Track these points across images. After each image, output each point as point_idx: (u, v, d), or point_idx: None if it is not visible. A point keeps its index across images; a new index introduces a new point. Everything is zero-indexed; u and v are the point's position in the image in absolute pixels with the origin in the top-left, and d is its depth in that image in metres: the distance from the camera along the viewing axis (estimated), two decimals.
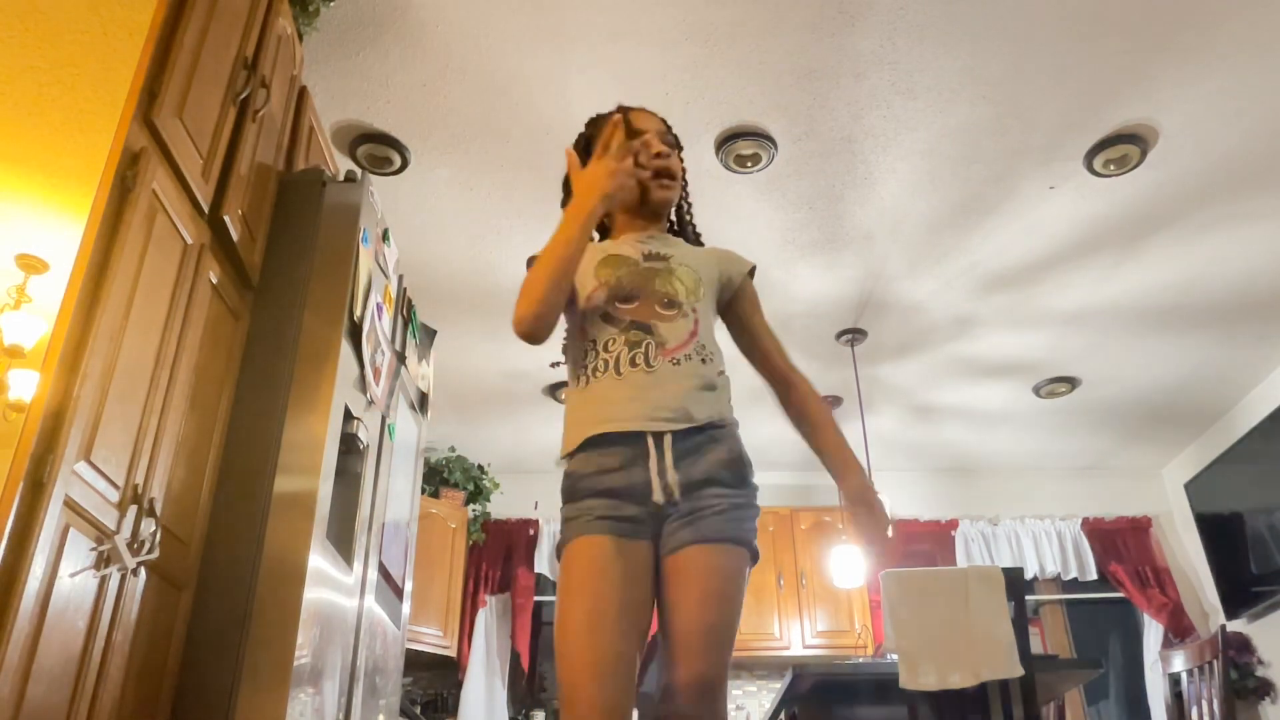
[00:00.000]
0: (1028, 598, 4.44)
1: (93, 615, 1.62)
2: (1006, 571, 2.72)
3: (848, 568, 4.86)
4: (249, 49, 2.24)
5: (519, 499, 5.76)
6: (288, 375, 2.17)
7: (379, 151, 3.44)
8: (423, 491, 4.24)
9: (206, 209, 2.03)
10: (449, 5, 2.89)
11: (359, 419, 2.34)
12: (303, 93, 2.71)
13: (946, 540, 5.79)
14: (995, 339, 4.68)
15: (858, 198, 3.72)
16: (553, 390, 5.13)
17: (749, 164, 3.52)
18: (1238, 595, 5.20)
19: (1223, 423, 5.42)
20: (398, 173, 3.54)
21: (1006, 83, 3.18)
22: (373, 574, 2.50)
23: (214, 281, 2.06)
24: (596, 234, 1.81)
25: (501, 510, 5.77)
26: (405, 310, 2.84)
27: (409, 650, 3.64)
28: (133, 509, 1.73)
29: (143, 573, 1.76)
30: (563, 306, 1.57)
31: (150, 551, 1.75)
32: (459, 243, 3.93)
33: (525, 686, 5.54)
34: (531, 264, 1.62)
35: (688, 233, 1.82)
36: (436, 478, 5.47)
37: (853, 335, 4.62)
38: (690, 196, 1.86)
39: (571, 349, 1.65)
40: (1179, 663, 3.60)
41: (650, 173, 1.68)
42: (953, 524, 5.86)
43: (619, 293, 1.60)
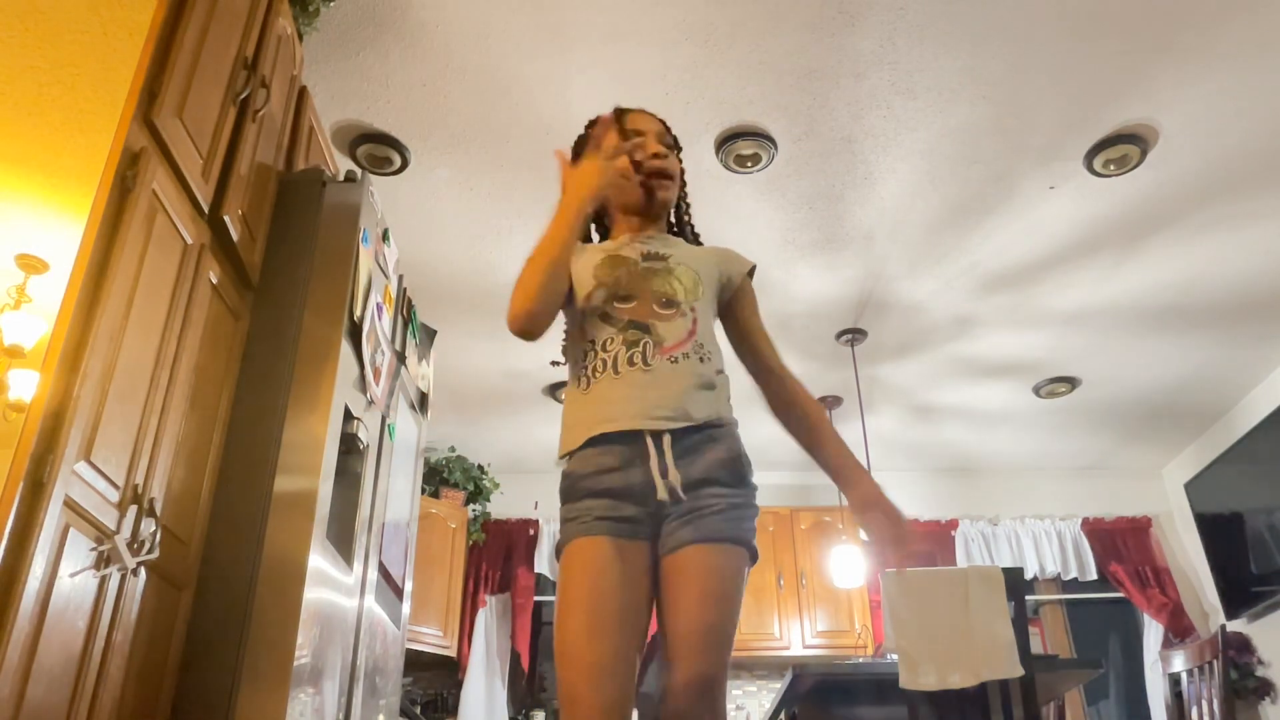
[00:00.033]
0: (1028, 598, 4.44)
1: (93, 615, 1.62)
2: (1006, 571, 2.72)
3: (848, 568, 4.87)
4: (249, 49, 2.24)
5: (519, 499, 5.76)
6: (288, 375, 2.17)
7: (379, 151, 3.45)
8: (423, 491, 4.24)
9: (206, 209, 2.03)
10: (449, 5, 2.90)
11: (359, 419, 2.34)
12: (303, 93, 2.71)
13: (946, 540, 5.79)
14: (995, 339, 4.68)
15: (858, 198, 3.72)
16: (553, 390, 5.13)
17: (749, 164, 3.52)
18: (1238, 595, 5.20)
19: (1223, 423, 5.42)
20: (398, 173, 3.54)
21: (1006, 83, 3.18)
22: (373, 574, 2.50)
23: (214, 281, 2.06)
24: (597, 235, 1.82)
25: (501, 510, 5.77)
26: (405, 310, 2.84)
27: (409, 650, 3.64)
28: (133, 509, 1.73)
29: (143, 573, 1.76)
30: (557, 304, 1.56)
31: (150, 551, 1.75)
32: (459, 243, 3.93)
33: (525, 686, 5.54)
34: None
35: (687, 233, 1.82)
36: (436, 478, 5.47)
37: (853, 335, 4.62)
38: (689, 197, 1.86)
39: (571, 349, 1.65)
40: (1179, 663, 3.60)
41: (647, 172, 1.68)
42: (953, 524, 5.86)
43: (617, 292, 1.60)
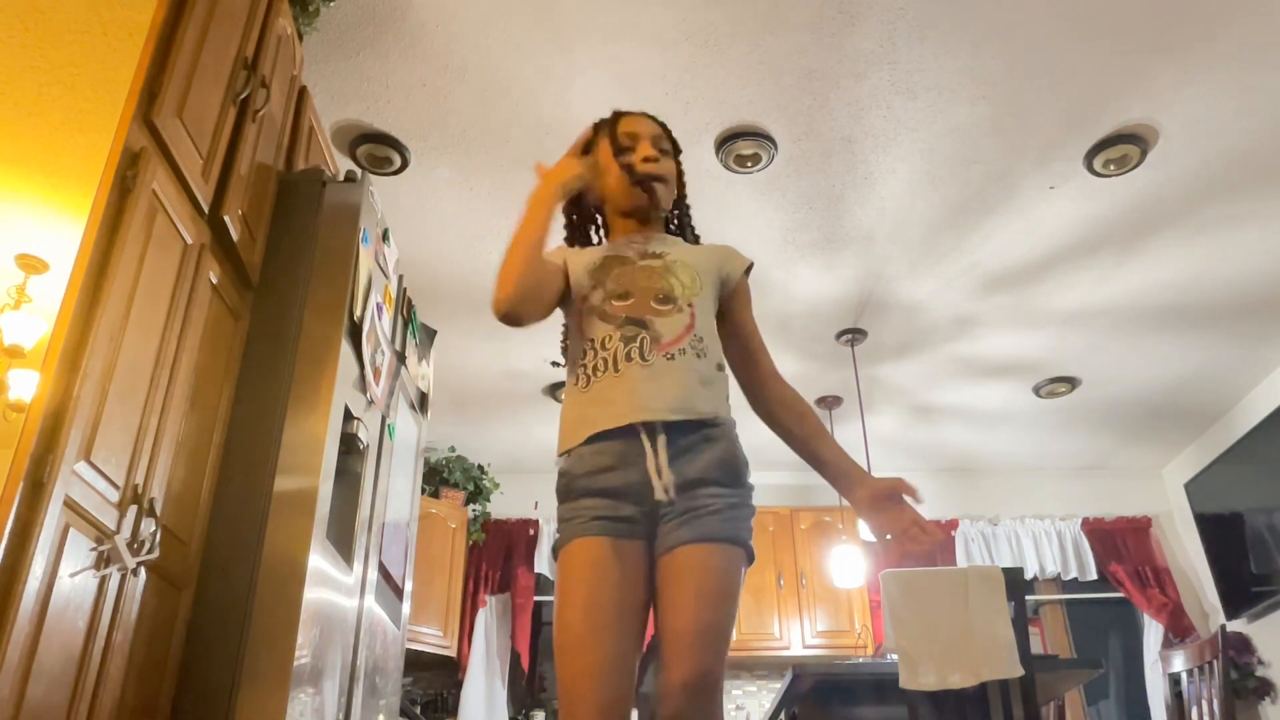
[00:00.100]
0: (1028, 598, 4.44)
1: (93, 615, 1.62)
2: (1006, 571, 2.72)
3: (848, 568, 4.87)
4: (249, 49, 2.24)
5: (519, 499, 5.76)
6: (288, 375, 2.17)
7: (379, 151, 3.45)
8: (423, 491, 4.24)
9: (206, 209, 2.03)
10: (449, 5, 2.90)
11: (359, 419, 2.34)
12: (303, 93, 2.71)
13: (946, 540, 5.79)
14: (995, 339, 4.68)
15: (858, 198, 3.72)
16: (553, 390, 5.13)
17: (749, 164, 3.52)
18: (1238, 595, 5.20)
19: (1223, 423, 5.42)
20: (398, 173, 3.54)
21: (1006, 83, 3.18)
22: (373, 574, 2.50)
23: (214, 281, 2.06)
24: (596, 239, 1.82)
25: (501, 510, 5.77)
26: (405, 310, 2.84)
27: (409, 650, 3.64)
28: (133, 509, 1.73)
29: (143, 573, 1.76)
30: (538, 287, 1.58)
31: (150, 551, 1.75)
32: (459, 243, 3.93)
33: (525, 686, 5.54)
34: None
35: (686, 233, 1.82)
36: (436, 478, 5.47)
37: (853, 335, 4.62)
38: (689, 197, 1.86)
39: (570, 348, 1.66)
40: (1179, 663, 3.59)
41: (639, 176, 1.69)
42: (953, 524, 5.86)
43: (615, 290, 1.61)
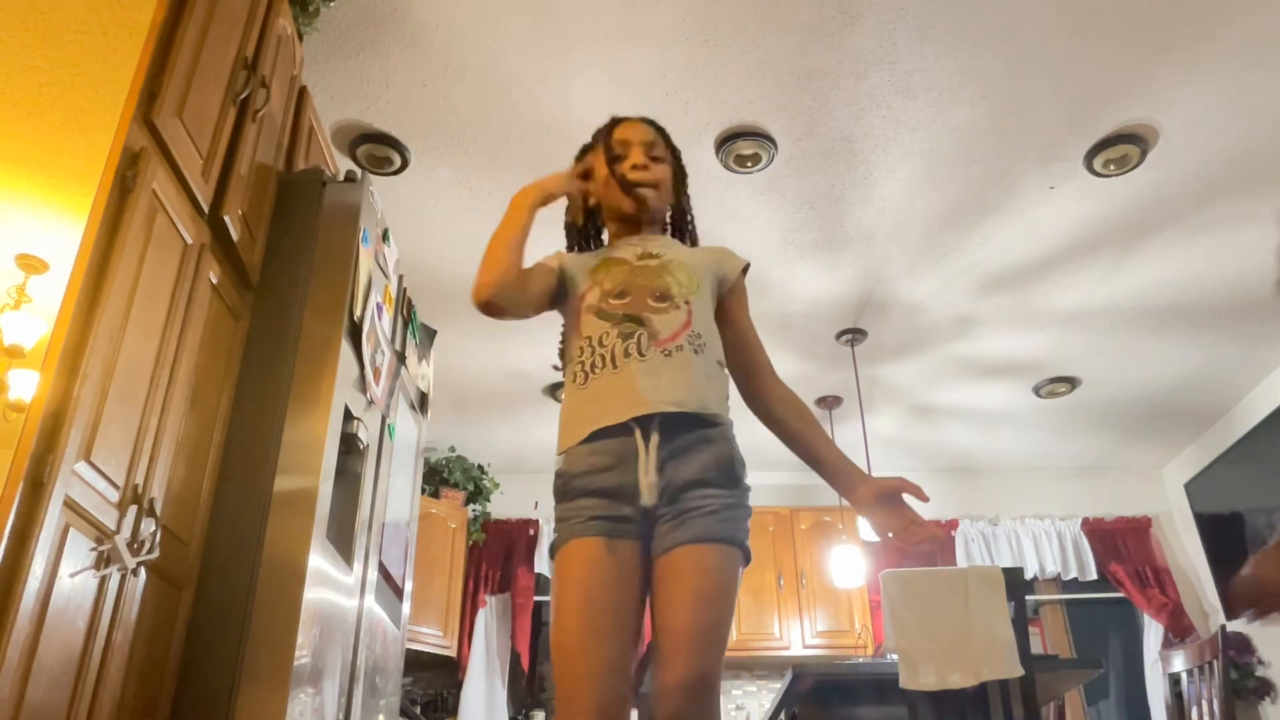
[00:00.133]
0: (1028, 598, 4.44)
1: (93, 615, 1.62)
2: (1006, 571, 2.72)
3: (848, 568, 4.87)
4: (249, 49, 2.24)
5: (519, 499, 5.76)
6: (288, 375, 2.17)
7: (379, 151, 3.45)
8: (423, 491, 4.24)
9: (206, 209, 2.03)
10: (449, 5, 2.89)
11: (359, 419, 2.34)
12: (303, 93, 2.71)
13: (946, 540, 5.78)
14: (995, 339, 4.68)
15: (858, 198, 3.72)
16: (553, 390, 5.13)
17: (749, 164, 3.52)
18: (1238, 595, 5.20)
19: (1223, 423, 5.42)
20: (398, 173, 3.54)
21: (1006, 83, 3.18)
22: (373, 574, 2.50)
23: (214, 281, 2.06)
24: (596, 245, 1.84)
25: (501, 510, 5.77)
26: (405, 310, 2.84)
27: (409, 650, 3.64)
28: (133, 509, 1.73)
29: (143, 573, 1.76)
30: (521, 284, 1.60)
31: (150, 551, 1.75)
32: (459, 243, 3.93)
33: (525, 686, 5.54)
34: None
35: (686, 236, 1.83)
36: (436, 478, 5.47)
37: (853, 335, 4.62)
38: (690, 199, 1.87)
39: (568, 348, 1.67)
40: (1179, 663, 3.59)
41: (629, 183, 1.71)
42: (953, 524, 5.85)
43: (612, 289, 1.63)
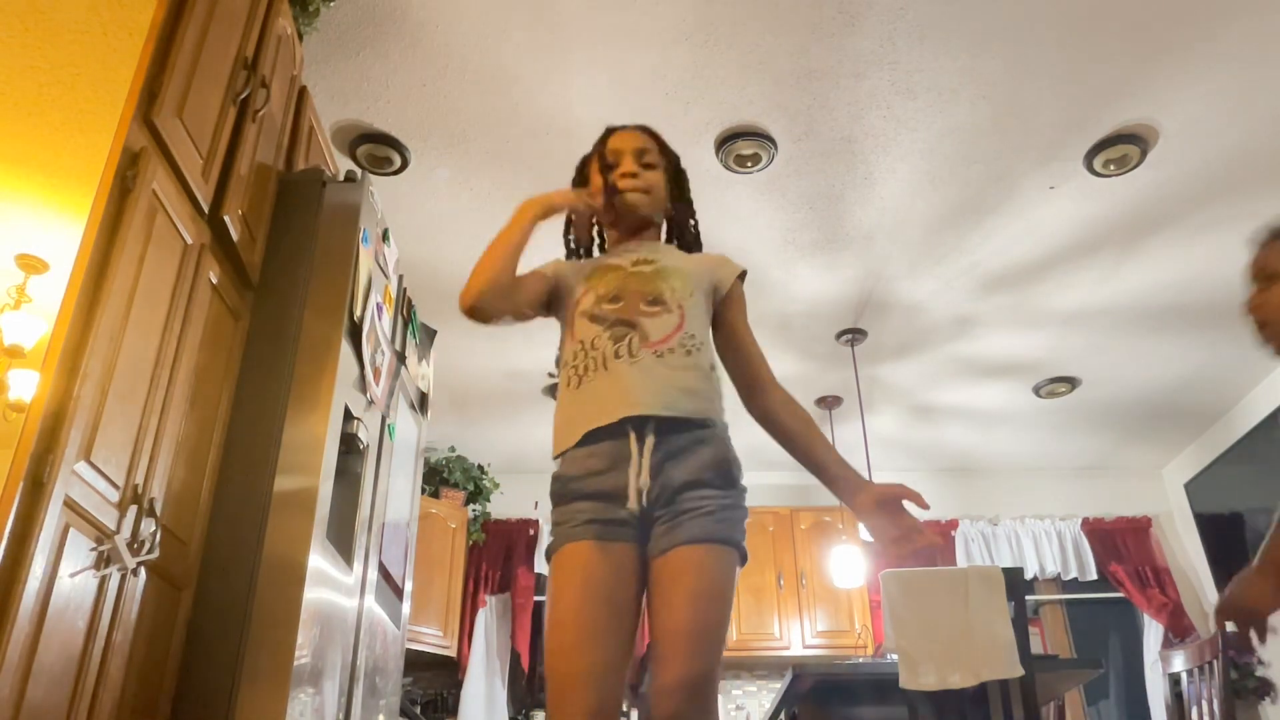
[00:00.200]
0: (1028, 598, 4.44)
1: (93, 615, 1.62)
2: (1006, 571, 2.72)
3: (848, 568, 4.87)
4: (249, 49, 2.24)
5: (519, 499, 5.76)
6: (288, 375, 2.17)
7: (379, 151, 3.45)
8: (423, 491, 4.24)
9: (206, 209, 2.03)
10: (449, 5, 2.89)
11: (359, 419, 2.34)
12: (303, 93, 2.71)
13: (946, 540, 5.78)
14: (995, 339, 4.68)
15: (858, 198, 3.72)
16: (552, 390, 5.13)
17: (749, 164, 3.52)
18: None
19: (1223, 423, 5.42)
20: (398, 173, 3.54)
21: (1006, 83, 3.18)
22: (373, 574, 2.50)
23: (214, 281, 2.06)
24: (597, 249, 1.84)
25: (501, 510, 5.77)
26: (405, 310, 2.84)
27: (409, 650, 3.64)
28: (133, 509, 1.73)
29: (143, 573, 1.76)
30: (510, 290, 1.61)
31: (150, 551, 1.75)
32: (459, 243, 3.93)
33: (525, 686, 5.54)
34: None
35: (687, 240, 1.83)
36: (436, 478, 5.47)
37: (853, 335, 4.62)
38: (693, 204, 1.87)
39: (563, 353, 1.68)
40: (1179, 663, 3.59)
41: (619, 191, 1.72)
42: (953, 524, 5.85)
43: (605, 294, 1.64)
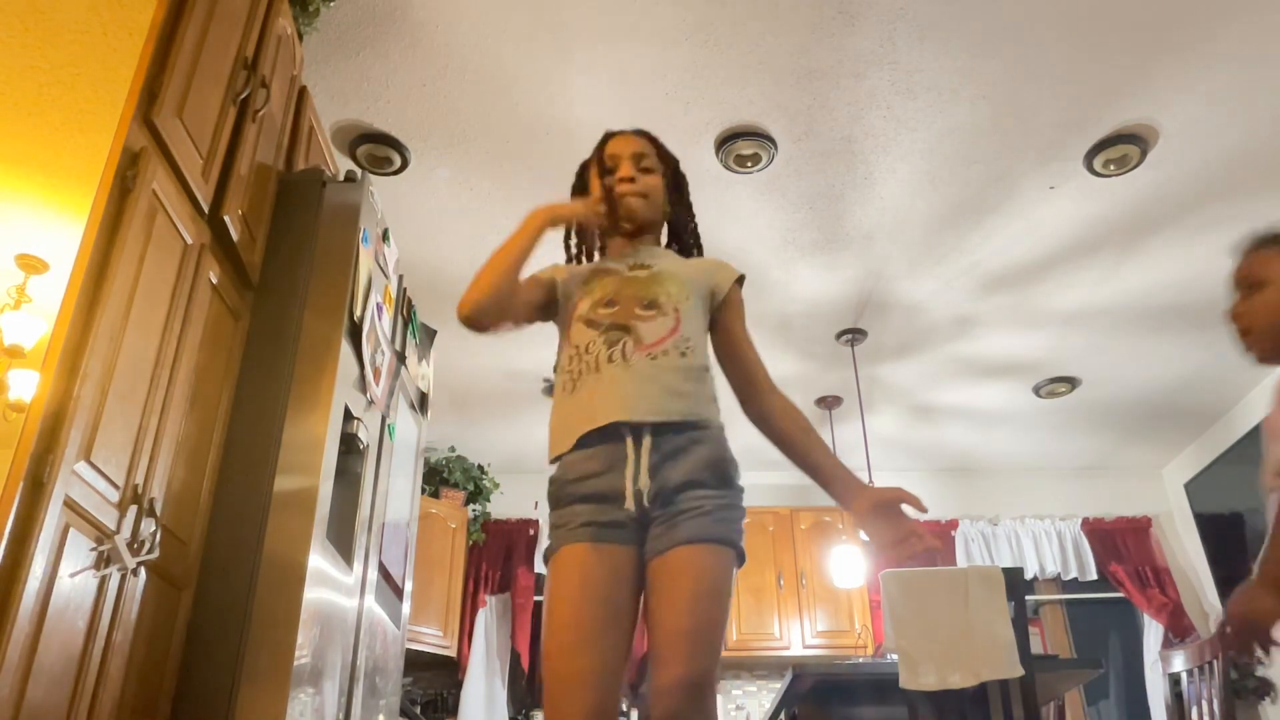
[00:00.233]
0: (1028, 598, 4.44)
1: (93, 615, 1.62)
2: (1006, 571, 2.72)
3: (848, 568, 4.87)
4: (249, 49, 2.24)
5: (519, 499, 5.76)
6: (288, 375, 2.17)
7: (379, 151, 3.44)
8: (423, 491, 4.24)
9: (206, 209, 2.03)
10: (449, 5, 2.89)
11: (359, 419, 2.34)
12: (303, 93, 2.71)
13: (946, 540, 5.78)
14: (995, 339, 4.68)
15: (858, 198, 3.72)
16: (552, 391, 5.13)
17: (749, 164, 3.52)
18: None
19: (1223, 423, 5.42)
20: (398, 173, 3.54)
21: (1006, 83, 3.18)
22: (373, 574, 2.50)
23: (214, 281, 2.06)
24: (597, 254, 1.84)
25: (501, 510, 5.77)
26: (405, 310, 2.84)
27: (409, 650, 3.64)
28: (133, 509, 1.73)
29: (143, 573, 1.76)
30: (503, 301, 1.62)
31: (150, 551, 1.75)
32: (459, 243, 3.93)
33: (525, 686, 5.54)
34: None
35: (687, 244, 1.83)
36: (436, 478, 5.47)
37: (853, 335, 4.62)
38: (693, 207, 1.87)
39: (560, 358, 1.68)
40: (1179, 663, 3.59)
41: (616, 195, 1.72)
42: (953, 524, 5.85)
43: (601, 299, 1.64)
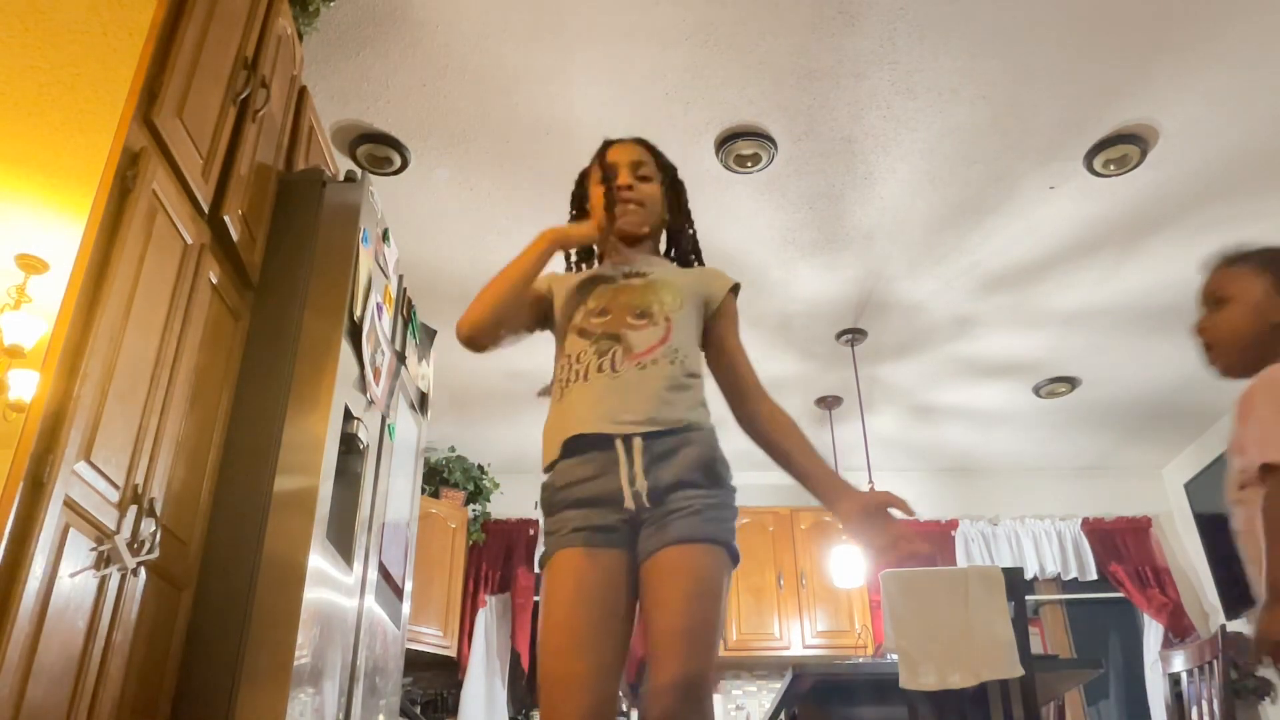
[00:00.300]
0: (1028, 598, 4.44)
1: (93, 615, 1.62)
2: (1006, 571, 2.72)
3: (848, 568, 4.87)
4: (249, 49, 2.24)
5: (519, 499, 5.76)
6: (288, 375, 2.17)
7: (379, 151, 3.44)
8: (423, 491, 4.24)
9: (206, 209, 2.03)
10: (449, 5, 2.89)
11: (359, 419, 2.34)
12: (303, 93, 2.71)
13: (946, 540, 5.78)
14: (995, 339, 4.68)
15: (858, 198, 3.72)
16: (547, 393, 5.13)
17: (749, 164, 3.52)
18: (1238, 595, 5.20)
19: (1223, 423, 5.42)
20: (398, 173, 3.54)
21: (1006, 83, 3.18)
22: (373, 574, 2.50)
23: (214, 281, 2.06)
24: (596, 260, 1.85)
25: (501, 510, 5.77)
26: (405, 310, 2.84)
27: (409, 650, 3.64)
28: (133, 509, 1.73)
29: (143, 573, 1.76)
30: (504, 320, 1.64)
31: (150, 551, 1.75)
32: (459, 243, 3.93)
33: (525, 686, 5.54)
34: None
35: (685, 251, 1.83)
36: (436, 478, 5.46)
37: (853, 335, 4.62)
38: (691, 215, 1.87)
39: (555, 367, 1.70)
40: (1179, 663, 3.59)
41: (617, 201, 1.72)
42: (953, 524, 5.85)
43: (595, 308, 1.66)
